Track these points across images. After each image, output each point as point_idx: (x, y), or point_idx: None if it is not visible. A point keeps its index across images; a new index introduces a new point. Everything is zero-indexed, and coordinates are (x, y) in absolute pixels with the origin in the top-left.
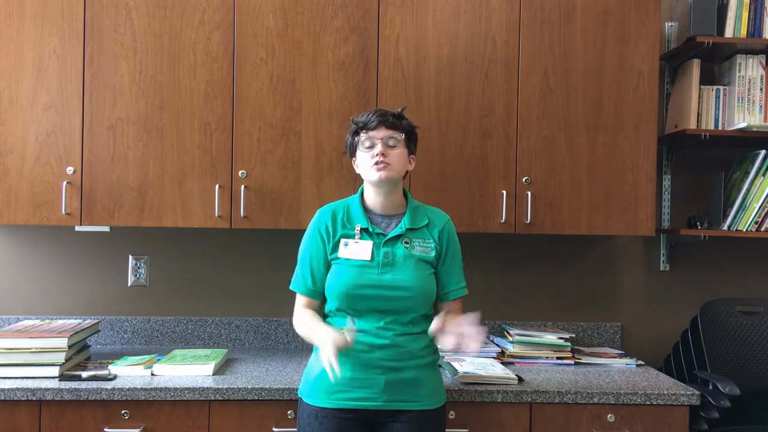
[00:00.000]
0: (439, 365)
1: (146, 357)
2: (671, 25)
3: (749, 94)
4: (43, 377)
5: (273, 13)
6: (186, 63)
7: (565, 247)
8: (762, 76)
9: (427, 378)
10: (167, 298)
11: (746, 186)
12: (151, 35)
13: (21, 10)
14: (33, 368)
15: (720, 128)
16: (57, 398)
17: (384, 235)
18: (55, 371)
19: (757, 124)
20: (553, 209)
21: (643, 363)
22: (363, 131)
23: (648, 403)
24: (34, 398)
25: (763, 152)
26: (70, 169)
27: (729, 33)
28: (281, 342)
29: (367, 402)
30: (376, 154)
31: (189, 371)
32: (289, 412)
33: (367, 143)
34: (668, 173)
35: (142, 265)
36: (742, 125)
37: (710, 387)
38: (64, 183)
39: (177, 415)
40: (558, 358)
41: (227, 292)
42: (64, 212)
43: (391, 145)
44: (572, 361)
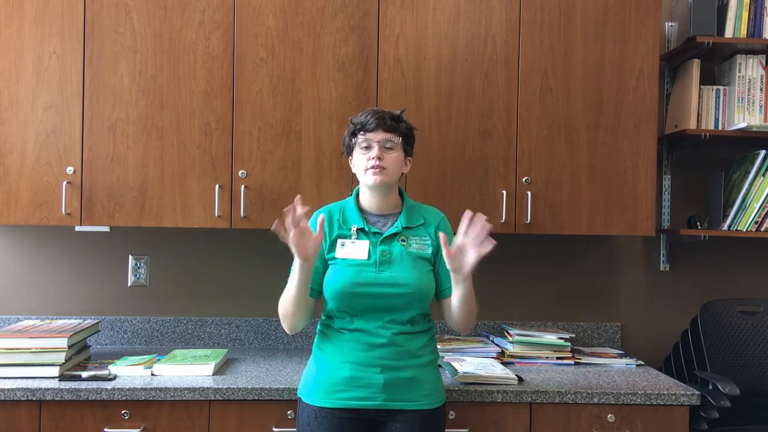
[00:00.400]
0: (439, 365)
1: (146, 357)
2: (671, 25)
3: (749, 94)
4: (43, 377)
5: (273, 13)
6: (186, 63)
7: (565, 247)
8: (762, 76)
9: (426, 377)
10: (167, 298)
11: (746, 186)
12: (151, 35)
13: (21, 10)
14: (33, 368)
15: (720, 128)
16: (57, 398)
17: (380, 234)
18: (55, 371)
19: (757, 124)
20: (553, 209)
21: (643, 363)
22: (360, 132)
23: (648, 403)
24: (34, 398)
25: (763, 152)
26: (70, 169)
27: (729, 33)
28: (281, 342)
29: (365, 401)
30: (372, 158)
31: (189, 371)
32: (288, 412)
33: (363, 145)
34: (668, 173)
35: (142, 265)
36: (742, 125)
37: (710, 387)
38: (64, 183)
39: (177, 415)
40: (558, 358)
41: (227, 292)
42: (64, 212)
43: (388, 147)
44: (572, 361)
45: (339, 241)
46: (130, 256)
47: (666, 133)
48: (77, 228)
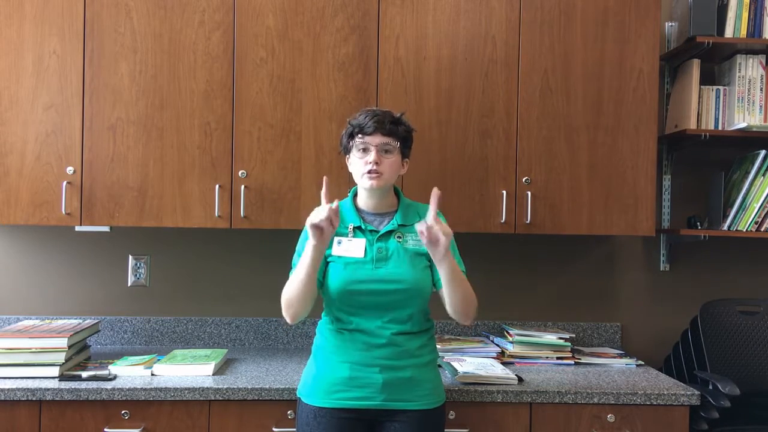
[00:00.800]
0: (439, 365)
1: (146, 357)
2: (671, 25)
3: (749, 94)
4: (43, 377)
5: (273, 13)
6: (186, 63)
7: (565, 247)
8: (762, 76)
9: (425, 377)
10: (167, 298)
11: (746, 186)
12: (151, 35)
13: (21, 10)
14: (33, 368)
15: (720, 128)
16: (57, 398)
17: (377, 232)
18: (55, 371)
19: (757, 124)
20: (553, 209)
21: (643, 363)
22: (359, 135)
23: (648, 403)
24: (34, 398)
25: (763, 152)
26: (70, 169)
27: (729, 33)
28: (281, 342)
29: (365, 401)
30: (370, 162)
31: (189, 371)
32: (288, 412)
33: (361, 147)
34: (668, 173)
35: (142, 265)
36: (742, 125)
37: (710, 387)
38: (64, 183)
39: (177, 415)
40: (558, 358)
41: (227, 292)
42: (64, 212)
43: (386, 150)
44: (572, 361)
45: (336, 238)
46: (130, 256)
47: (666, 133)
48: (77, 228)
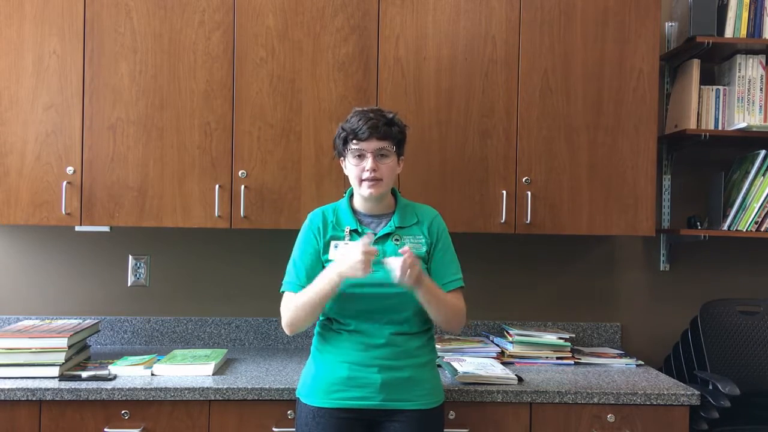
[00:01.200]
0: (439, 365)
1: (146, 357)
2: (671, 25)
3: (749, 94)
4: (43, 377)
5: (273, 13)
6: (186, 63)
7: (565, 247)
8: (762, 76)
9: (423, 377)
10: (167, 298)
11: (746, 186)
12: (151, 35)
13: (21, 10)
14: (33, 368)
15: (720, 128)
16: (57, 398)
17: (374, 235)
18: (55, 371)
19: (757, 124)
20: (553, 209)
21: (643, 363)
22: (353, 141)
23: (648, 403)
24: (34, 398)
25: (763, 152)
26: (70, 169)
27: (729, 33)
28: (281, 342)
29: (363, 401)
30: (367, 170)
31: (189, 371)
32: (288, 412)
33: (356, 153)
34: (668, 173)
35: (142, 265)
36: (742, 125)
37: (710, 387)
38: (64, 183)
39: (177, 415)
40: (558, 358)
41: (227, 292)
42: (64, 212)
43: (382, 155)
44: (572, 361)
45: (332, 242)
46: (130, 256)
47: (666, 133)
48: (77, 228)
